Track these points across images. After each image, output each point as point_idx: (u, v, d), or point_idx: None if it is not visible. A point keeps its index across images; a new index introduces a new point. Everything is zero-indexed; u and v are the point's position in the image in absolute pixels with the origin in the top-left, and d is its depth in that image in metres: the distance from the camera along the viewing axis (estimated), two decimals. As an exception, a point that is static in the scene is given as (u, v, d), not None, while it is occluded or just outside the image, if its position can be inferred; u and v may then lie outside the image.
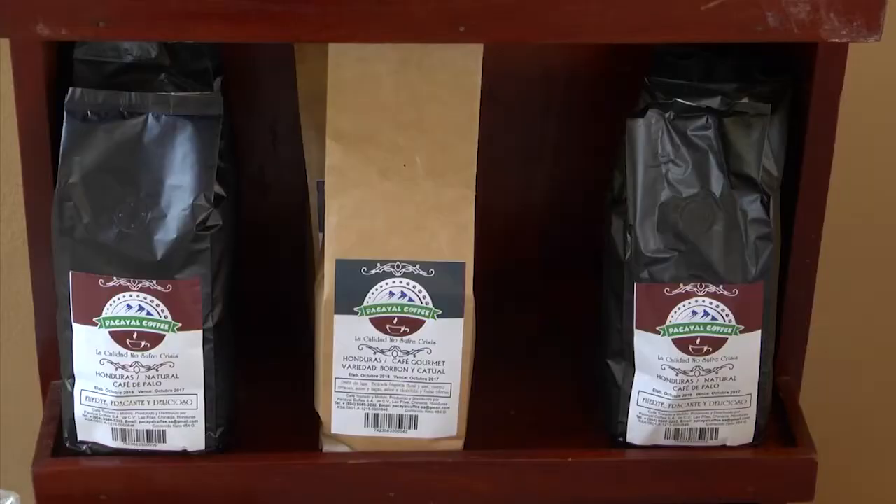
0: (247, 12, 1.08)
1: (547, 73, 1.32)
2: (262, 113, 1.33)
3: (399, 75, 1.20)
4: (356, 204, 1.20)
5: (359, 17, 1.09)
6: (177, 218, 1.16)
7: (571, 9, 1.09)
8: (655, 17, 1.10)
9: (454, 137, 1.20)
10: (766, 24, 1.10)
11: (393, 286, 1.20)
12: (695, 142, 1.19)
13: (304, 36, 1.12)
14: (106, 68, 1.20)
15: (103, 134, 1.16)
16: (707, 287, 1.20)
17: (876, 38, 1.10)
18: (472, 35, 1.11)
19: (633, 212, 1.20)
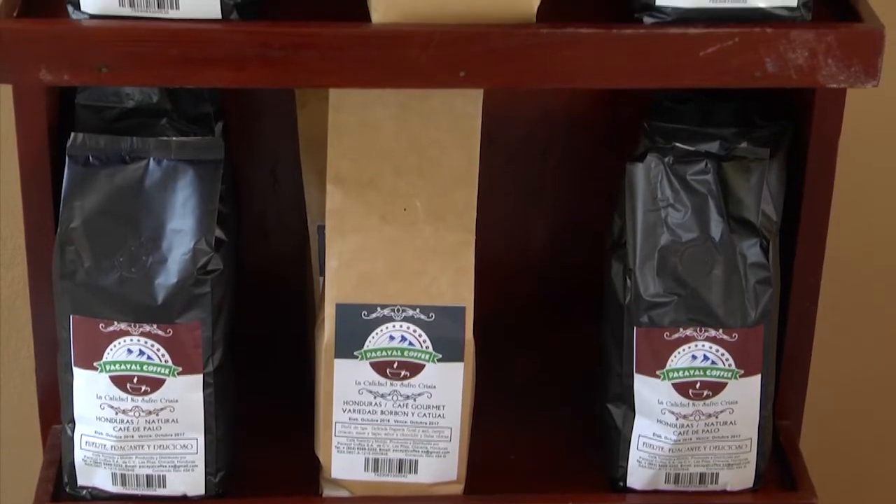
0: (247, 58, 1.09)
1: (547, 117, 1.33)
2: (263, 157, 1.34)
3: (399, 120, 1.20)
4: (356, 248, 1.20)
5: (359, 63, 1.10)
6: (178, 262, 1.17)
7: (570, 54, 1.10)
8: (654, 63, 1.10)
9: (454, 182, 1.21)
10: (764, 69, 1.11)
11: (393, 330, 1.20)
12: (694, 186, 1.20)
13: (304, 81, 1.13)
14: (107, 113, 1.21)
15: (105, 179, 1.17)
16: (707, 331, 1.20)
17: (874, 84, 1.11)
18: (473, 80, 1.11)
19: (633, 256, 1.20)
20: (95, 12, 1.09)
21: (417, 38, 1.09)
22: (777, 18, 1.11)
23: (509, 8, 1.10)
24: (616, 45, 1.10)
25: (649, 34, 1.10)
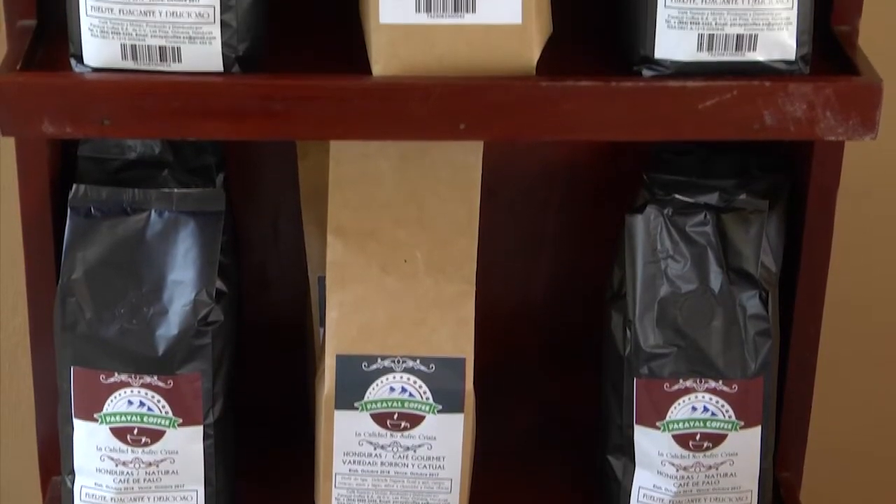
0: (248, 111, 1.10)
1: (546, 168, 1.33)
2: (264, 208, 1.34)
3: (400, 171, 1.21)
4: (357, 299, 1.21)
5: (359, 116, 1.10)
6: (178, 313, 1.17)
7: (569, 107, 1.11)
8: (653, 116, 1.11)
9: (454, 233, 1.21)
10: (762, 122, 1.11)
11: (393, 381, 1.20)
12: (693, 238, 1.20)
13: (305, 134, 1.14)
14: (109, 165, 1.21)
15: (106, 230, 1.17)
16: (707, 382, 1.20)
17: (872, 137, 1.11)
18: (473, 132, 1.12)
19: (633, 307, 1.20)
20: (98, 65, 1.10)
21: (418, 91, 1.10)
22: (775, 71, 1.11)
23: (509, 61, 1.11)
24: (615, 97, 1.11)
25: (648, 87, 1.11)
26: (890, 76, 1.14)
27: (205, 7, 1.08)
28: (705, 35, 1.10)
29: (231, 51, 1.10)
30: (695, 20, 1.10)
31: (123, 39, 1.09)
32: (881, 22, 1.28)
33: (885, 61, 1.17)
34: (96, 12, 1.08)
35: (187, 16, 1.08)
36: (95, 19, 1.08)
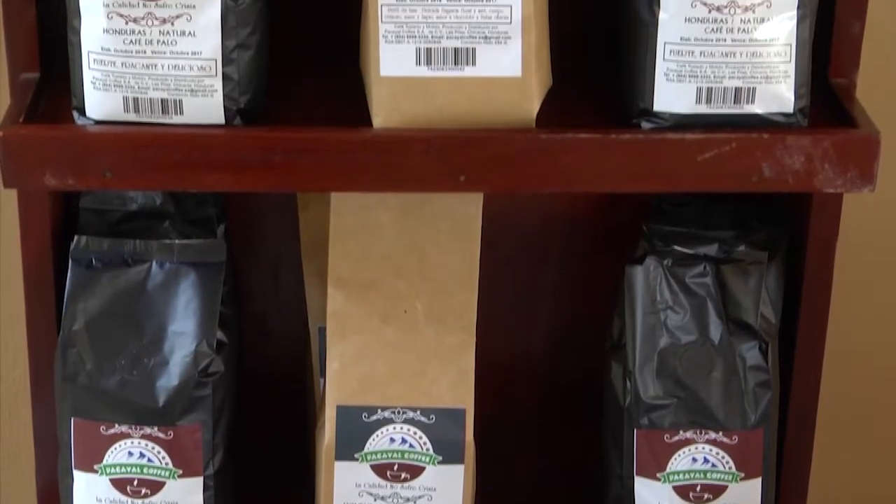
0: (249, 163, 1.10)
1: (546, 219, 1.34)
2: (265, 259, 1.34)
3: (400, 223, 1.21)
4: (357, 350, 1.21)
5: (360, 168, 1.11)
6: (179, 364, 1.17)
7: (569, 159, 1.11)
8: (652, 168, 1.11)
9: (455, 284, 1.22)
10: (761, 174, 1.11)
11: (394, 432, 1.20)
12: (693, 289, 1.20)
13: (305, 186, 1.14)
14: (111, 216, 1.22)
15: (107, 281, 1.18)
16: (707, 434, 1.20)
17: (870, 189, 1.12)
18: (473, 184, 1.12)
19: (633, 358, 1.20)
20: (101, 118, 1.10)
21: (418, 143, 1.10)
22: (774, 124, 1.12)
23: (509, 113, 1.11)
24: (614, 149, 1.11)
25: (647, 139, 1.11)
26: (887, 129, 1.15)
27: (207, 60, 1.09)
28: (704, 88, 1.11)
29: (233, 103, 1.10)
30: (693, 73, 1.10)
31: (126, 92, 1.09)
32: (879, 75, 1.29)
33: (882, 114, 1.18)
34: (99, 65, 1.09)
35: (189, 69, 1.09)
36: (98, 72, 1.09)
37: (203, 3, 1.08)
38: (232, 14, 1.08)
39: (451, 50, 1.10)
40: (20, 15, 1.13)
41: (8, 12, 1.13)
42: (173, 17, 1.08)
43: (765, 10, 1.09)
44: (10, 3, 1.13)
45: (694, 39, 1.10)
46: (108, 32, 1.08)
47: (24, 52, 1.14)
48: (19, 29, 1.13)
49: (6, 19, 1.13)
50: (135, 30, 1.08)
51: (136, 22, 1.07)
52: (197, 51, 1.08)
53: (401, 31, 1.09)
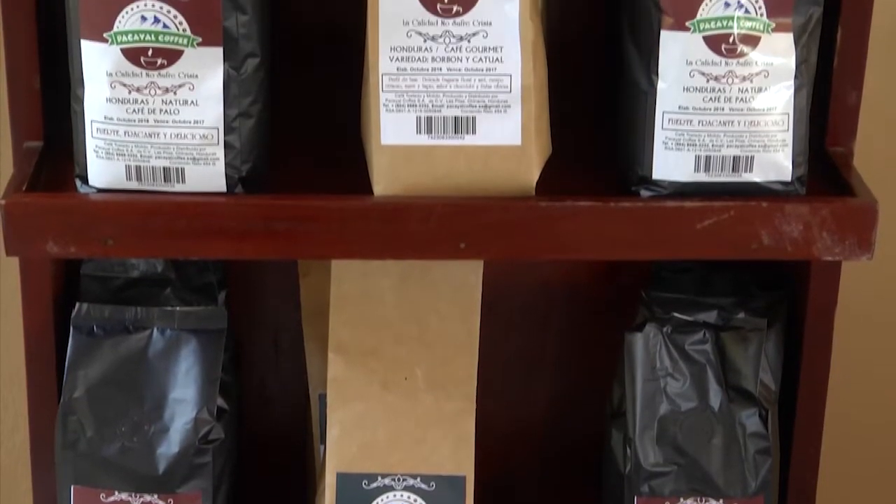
0: (251, 231, 1.11)
1: (546, 286, 1.34)
2: (266, 325, 1.35)
3: (400, 290, 1.22)
4: (357, 417, 1.21)
5: (360, 235, 1.11)
6: (179, 431, 1.17)
7: (568, 227, 1.12)
8: (651, 236, 1.12)
9: (455, 351, 1.22)
10: (760, 241, 1.12)
11: (394, 499, 1.20)
12: (693, 356, 1.21)
13: (307, 253, 1.14)
14: (112, 283, 1.22)
15: (108, 348, 1.18)
16: (707, 501, 1.20)
17: (868, 257, 1.12)
18: (473, 252, 1.13)
19: (633, 425, 1.20)
20: (103, 186, 1.11)
21: (418, 211, 1.11)
22: (772, 192, 1.12)
23: (509, 181, 1.12)
24: (614, 217, 1.12)
25: (646, 207, 1.12)
26: (885, 197, 1.15)
27: (209, 129, 1.10)
28: (702, 156, 1.12)
29: (234, 171, 1.11)
30: (692, 142, 1.11)
31: (128, 161, 1.10)
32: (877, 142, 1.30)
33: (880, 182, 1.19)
34: (102, 134, 1.10)
35: (191, 137, 1.10)
36: (101, 141, 1.10)
37: (205, 73, 1.08)
38: (234, 83, 1.09)
39: (452, 119, 1.11)
40: (24, 84, 1.14)
41: (12, 81, 1.14)
42: (176, 86, 1.09)
43: (762, 80, 1.10)
44: (14, 72, 1.13)
45: (692, 108, 1.11)
46: (112, 101, 1.09)
47: (27, 120, 1.15)
48: (23, 98, 1.14)
49: (10, 88, 1.14)
50: (138, 99, 1.08)
51: (139, 91, 1.08)
52: (199, 119, 1.09)
53: (401, 99, 1.10)
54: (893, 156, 1.42)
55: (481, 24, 1.09)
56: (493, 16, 1.09)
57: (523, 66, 1.10)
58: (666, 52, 1.10)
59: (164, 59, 1.08)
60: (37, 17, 1.13)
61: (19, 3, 1.12)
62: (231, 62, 1.09)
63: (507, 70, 1.10)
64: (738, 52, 1.10)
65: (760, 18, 1.09)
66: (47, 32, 1.14)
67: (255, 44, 1.09)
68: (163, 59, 1.08)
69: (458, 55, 1.10)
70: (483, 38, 1.09)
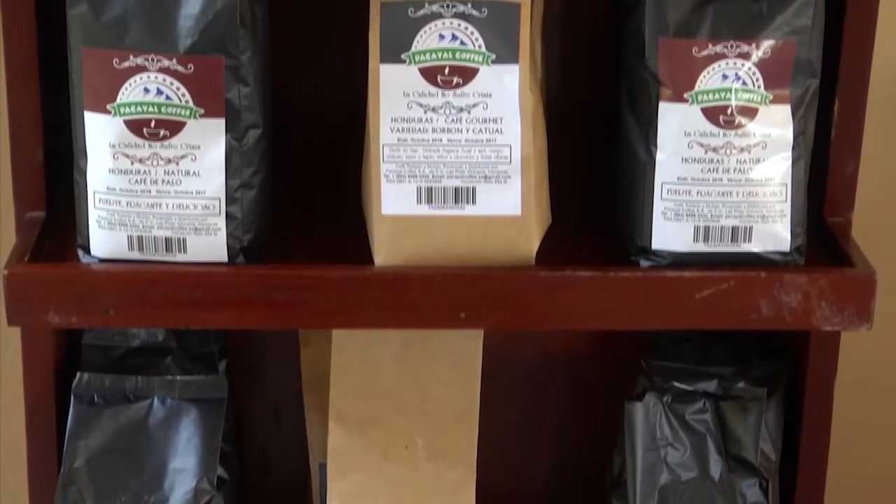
0: (252, 301, 1.11)
1: (546, 355, 1.34)
2: (266, 394, 1.35)
3: (401, 359, 1.22)
4: (358, 487, 1.21)
5: (361, 305, 1.12)
6: (179, 501, 1.17)
7: (568, 297, 1.12)
8: (651, 306, 1.12)
9: (455, 420, 1.22)
10: (759, 312, 1.12)
11: (394, 570, 1.20)
12: (693, 426, 1.21)
13: (307, 323, 1.15)
14: (113, 352, 1.23)
15: (109, 418, 1.18)
16: (708, 571, 1.20)
17: (867, 327, 1.12)
18: (473, 321, 1.13)
19: (633, 495, 1.20)
20: (105, 256, 1.12)
21: (418, 281, 1.11)
22: (771, 262, 1.13)
23: (509, 251, 1.12)
24: (613, 287, 1.12)
25: (646, 277, 1.12)
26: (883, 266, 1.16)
27: (210, 199, 1.10)
28: (701, 227, 1.12)
29: (236, 242, 1.11)
30: (691, 212, 1.12)
31: (130, 231, 1.10)
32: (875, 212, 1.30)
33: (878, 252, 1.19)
34: (104, 205, 1.10)
35: (193, 208, 1.10)
36: (103, 211, 1.10)
37: (208, 144, 1.09)
38: (236, 154, 1.10)
39: (452, 189, 1.11)
40: (27, 155, 1.14)
41: (15, 153, 1.15)
42: (178, 157, 1.09)
43: (760, 151, 1.11)
44: (18, 143, 1.14)
45: (691, 179, 1.12)
46: (114, 172, 1.09)
47: (30, 191, 1.15)
48: (26, 169, 1.15)
49: (14, 160, 1.15)
50: (140, 170, 1.09)
51: (141, 162, 1.09)
52: (201, 190, 1.10)
53: (402, 170, 1.11)
54: (892, 225, 1.42)
55: (481, 96, 1.10)
56: (493, 87, 1.10)
57: (523, 137, 1.10)
58: (664, 124, 1.11)
59: (166, 131, 1.09)
60: (41, 88, 1.14)
61: (23, 75, 1.13)
62: (233, 133, 1.10)
63: (507, 141, 1.11)
64: (736, 123, 1.10)
65: (758, 90, 1.10)
66: (51, 103, 1.15)
67: (256, 115, 1.10)
68: (165, 130, 1.09)
69: (458, 126, 1.10)
70: (483, 109, 1.10)
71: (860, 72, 1.16)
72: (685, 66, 1.10)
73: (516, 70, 1.09)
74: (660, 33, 1.10)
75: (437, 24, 1.09)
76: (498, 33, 1.09)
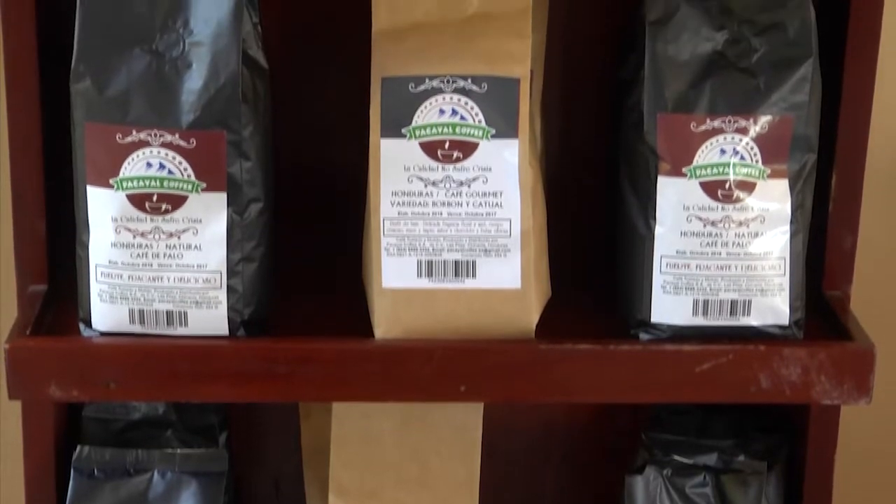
0: (253, 374, 1.11)
1: (546, 428, 1.34)
2: (267, 466, 1.34)
3: (401, 432, 1.22)
4: (358, 561, 1.21)
5: (361, 378, 1.12)
6: (179, 574, 1.17)
7: (568, 370, 1.12)
8: (650, 379, 1.12)
9: (455, 492, 1.22)
10: (758, 385, 1.12)
11: None
12: (693, 499, 1.21)
13: (308, 396, 1.15)
14: (114, 425, 1.23)
15: (109, 491, 1.18)
16: None
17: (867, 401, 1.13)
18: (473, 394, 1.13)
19: (634, 568, 1.20)
20: (106, 329, 1.12)
21: (419, 354, 1.12)
22: (770, 336, 1.13)
23: (509, 324, 1.12)
24: (613, 361, 1.12)
25: (645, 350, 1.13)
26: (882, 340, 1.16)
27: (212, 273, 1.11)
28: (700, 300, 1.12)
29: (237, 315, 1.12)
30: (690, 286, 1.12)
31: (132, 304, 1.11)
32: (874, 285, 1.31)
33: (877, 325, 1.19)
34: (106, 278, 1.11)
35: (195, 281, 1.10)
36: (105, 285, 1.11)
37: (209, 218, 1.10)
38: (237, 228, 1.11)
39: (452, 262, 1.12)
40: (30, 229, 1.15)
41: (18, 226, 1.15)
42: (180, 231, 1.10)
43: (758, 225, 1.12)
44: (20, 217, 1.15)
45: (690, 253, 1.12)
46: (116, 246, 1.10)
47: (32, 264, 1.16)
48: (29, 242, 1.15)
49: (16, 233, 1.15)
50: (142, 244, 1.10)
51: (143, 236, 1.10)
52: (202, 264, 1.10)
53: (402, 243, 1.11)
54: (891, 298, 1.43)
55: (481, 170, 1.11)
56: (492, 162, 1.11)
57: (523, 211, 1.11)
58: (663, 198, 1.11)
59: (168, 205, 1.09)
60: (43, 161, 1.15)
61: (26, 148, 1.14)
62: (234, 207, 1.10)
63: (506, 214, 1.11)
64: (735, 197, 1.11)
65: (756, 165, 1.11)
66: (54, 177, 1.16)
67: (258, 189, 1.11)
68: (167, 204, 1.09)
69: (458, 200, 1.11)
70: (483, 183, 1.11)
71: (857, 146, 1.17)
72: (683, 140, 1.11)
73: (516, 144, 1.10)
74: (658, 108, 1.11)
75: (437, 98, 1.10)
76: (498, 108, 1.10)
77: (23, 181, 1.15)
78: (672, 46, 1.10)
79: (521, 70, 1.10)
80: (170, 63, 1.08)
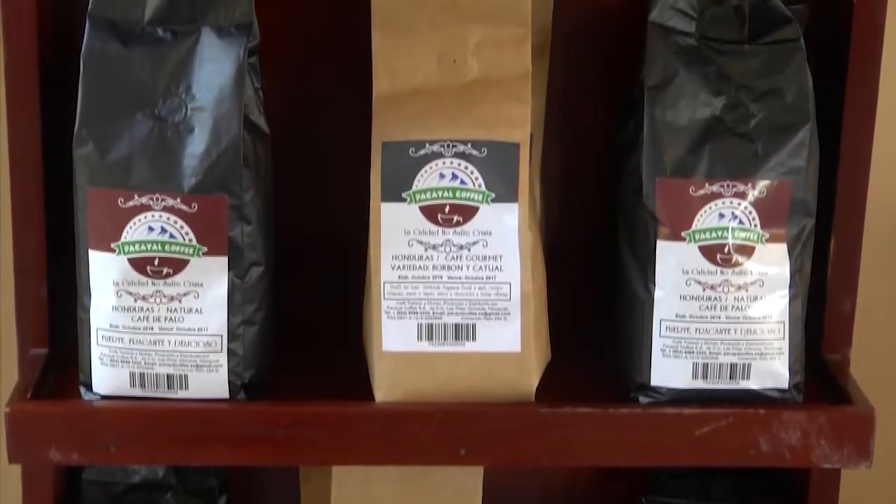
0: (253, 437, 1.11)
1: (546, 491, 1.34)
2: (266, 529, 1.35)
3: (401, 494, 1.22)
4: None
5: (361, 441, 1.12)
6: None
7: (567, 433, 1.12)
8: (650, 442, 1.12)
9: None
10: (758, 449, 1.12)
11: None
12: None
13: (307, 459, 1.15)
14: (114, 488, 1.22)
15: (108, 555, 1.18)
16: None
17: (867, 465, 1.12)
18: (473, 458, 1.13)
19: None
20: (107, 393, 1.12)
21: (419, 417, 1.12)
22: (769, 399, 1.13)
23: (509, 387, 1.13)
24: (612, 424, 1.12)
25: (645, 414, 1.13)
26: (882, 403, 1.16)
27: (213, 336, 1.11)
28: (700, 364, 1.13)
29: (237, 378, 1.12)
30: (689, 349, 1.12)
31: (132, 368, 1.11)
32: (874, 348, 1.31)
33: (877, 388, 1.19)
34: (107, 342, 1.11)
35: (195, 345, 1.11)
36: (106, 349, 1.11)
37: (210, 281, 1.10)
38: (238, 291, 1.11)
39: (452, 326, 1.12)
40: (31, 292, 1.15)
41: (19, 290, 1.15)
42: (181, 294, 1.10)
43: (758, 289, 1.12)
44: (22, 280, 1.15)
45: (689, 316, 1.12)
46: (117, 310, 1.10)
47: (34, 328, 1.16)
48: (30, 306, 1.16)
49: (18, 297, 1.16)
50: (143, 307, 1.10)
51: (144, 300, 1.10)
52: (203, 327, 1.11)
53: (403, 307, 1.12)
54: (890, 361, 1.43)
55: (481, 234, 1.11)
56: (492, 226, 1.11)
57: (522, 275, 1.11)
58: (663, 262, 1.12)
59: (169, 269, 1.10)
60: (45, 225, 1.15)
61: (28, 214, 1.14)
62: (235, 271, 1.11)
63: (506, 278, 1.11)
64: (734, 261, 1.12)
65: (754, 229, 1.12)
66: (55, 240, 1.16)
67: (259, 253, 1.11)
68: (169, 268, 1.10)
69: (458, 263, 1.12)
70: (483, 247, 1.11)
71: (855, 210, 1.17)
72: (682, 204, 1.11)
73: (515, 209, 1.11)
74: (657, 173, 1.11)
75: (437, 163, 1.11)
76: (497, 172, 1.11)
77: (24, 244, 1.15)
78: (671, 111, 1.11)
79: (521, 135, 1.10)
80: (172, 128, 1.08)
